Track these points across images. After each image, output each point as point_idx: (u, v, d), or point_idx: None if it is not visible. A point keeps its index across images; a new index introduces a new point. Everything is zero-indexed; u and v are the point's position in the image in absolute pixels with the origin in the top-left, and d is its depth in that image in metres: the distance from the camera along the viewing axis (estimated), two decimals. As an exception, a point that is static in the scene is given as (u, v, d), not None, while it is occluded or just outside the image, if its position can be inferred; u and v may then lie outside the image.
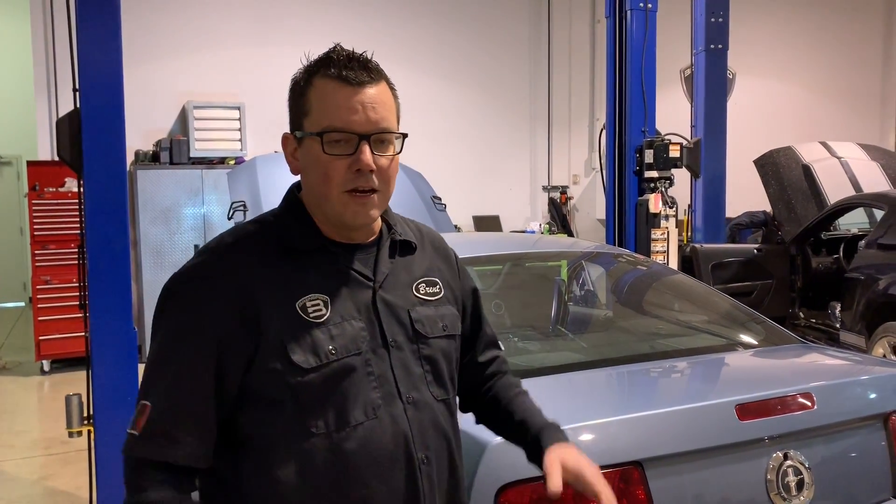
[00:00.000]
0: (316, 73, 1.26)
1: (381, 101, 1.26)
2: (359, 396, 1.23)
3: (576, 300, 3.27)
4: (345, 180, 1.23)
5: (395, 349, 1.28)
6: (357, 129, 1.22)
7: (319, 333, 1.22)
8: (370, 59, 1.28)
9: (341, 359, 1.22)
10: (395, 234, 1.36)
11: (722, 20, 6.72)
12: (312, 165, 1.26)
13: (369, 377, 1.25)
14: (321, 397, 1.21)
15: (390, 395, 1.26)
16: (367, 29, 9.34)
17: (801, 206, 6.54)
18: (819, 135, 9.19)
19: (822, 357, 2.54)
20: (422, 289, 1.36)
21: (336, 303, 1.25)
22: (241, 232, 1.30)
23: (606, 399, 2.18)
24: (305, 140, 1.26)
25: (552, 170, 10.74)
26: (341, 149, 1.23)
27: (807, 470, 1.85)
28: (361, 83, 1.23)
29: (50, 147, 7.78)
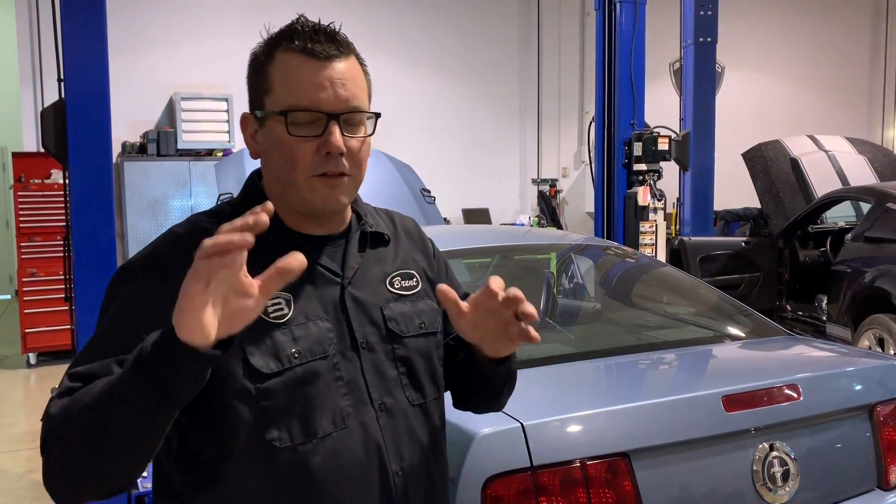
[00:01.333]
0: (278, 46, 1.13)
1: (350, 77, 1.13)
2: (326, 404, 1.11)
3: (564, 292, 3.28)
4: (313, 164, 1.12)
5: (366, 351, 1.17)
6: (325, 108, 1.11)
7: (281, 335, 1.10)
8: (338, 31, 1.16)
9: (305, 363, 1.10)
10: (365, 226, 1.25)
11: (711, 14, 6.73)
12: (276, 148, 1.13)
13: (337, 383, 1.13)
14: (284, 406, 1.08)
15: (361, 402, 1.14)
16: (356, 22, 9.28)
17: (788, 200, 6.58)
18: (807, 128, 9.24)
19: (809, 349, 2.56)
20: (396, 283, 1.25)
21: (300, 301, 1.13)
22: (195, 223, 1.16)
23: (594, 391, 2.18)
24: (267, 120, 1.14)
25: (542, 163, 10.75)
26: (308, 130, 1.11)
27: (792, 461, 1.86)
28: (329, 57, 1.12)
29: (35, 138, 7.71)
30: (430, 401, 1.23)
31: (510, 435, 1.65)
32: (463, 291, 1.34)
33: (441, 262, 1.37)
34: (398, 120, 9.70)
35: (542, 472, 1.63)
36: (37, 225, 7.08)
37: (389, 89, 9.65)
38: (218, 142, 8.02)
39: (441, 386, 1.28)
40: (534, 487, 1.62)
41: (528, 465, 1.62)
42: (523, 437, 1.64)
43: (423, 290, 1.28)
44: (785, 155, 6.89)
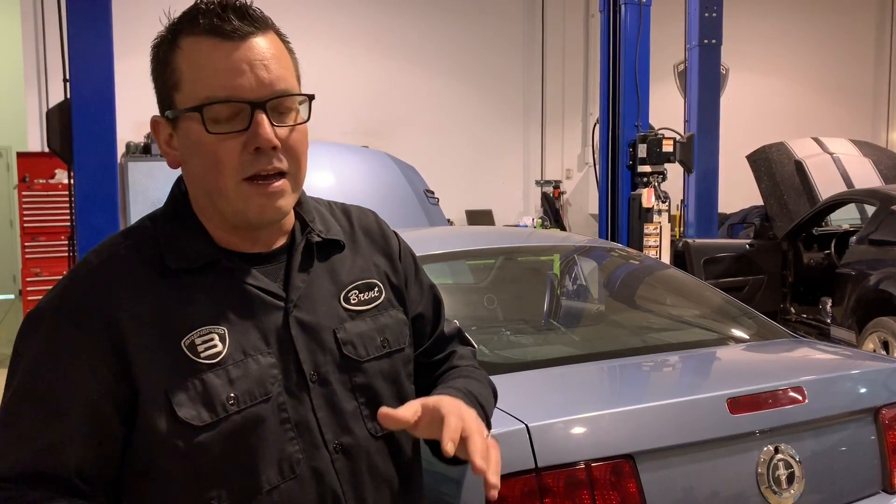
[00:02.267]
0: (181, 31, 0.97)
1: (272, 57, 0.96)
2: (271, 453, 0.96)
3: (568, 294, 3.27)
4: (241, 164, 0.94)
5: (317, 385, 1.01)
6: (247, 96, 0.94)
7: (214, 378, 0.94)
8: (250, 4, 0.99)
9: (244, 409, 0.95)
10: (311, 234, 1.06)
11: (716, 15, 6.73)
12: (195, 152, 0.96)
13: (284, 426, 0.98)
14: (221, 461, 0.94)
15: (313, 446, 0.99)
16: (361, 24, 9.31)
17: (793, 202, 6.56)
18: (811, 131, 9.21)
19: (813, 351, 2.55)
20: (353, 298, 1.07)
21: (235, 335, 0.97)
22: (110, 250, 1.00)
23: (598, 392, 2.18)
24: (181, 121, 0.97)
25: (545, 164, 10.75)
26: (230, 125, 0.94)
27: (797, 463, 1.85)
28: (243, 35, 0.94)
29: (40, 138, 7.73)
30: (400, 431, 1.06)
31: (515, 436, 1.65)
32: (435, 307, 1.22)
33: (408, 262, 1.19)
34: (402, 121, 9.71)
35: (547, 473, 1.63)
36: (41, 225, 7.11)
37: (394, 90, 9.66)
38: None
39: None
40: (538, 489, 1.62)
41: (532, 467, 1.62)
42: (528, 439, 1.64)
43: (387, 299, 1.11)
44: (789, 157, 6.88)
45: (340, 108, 9.05)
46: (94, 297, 0.95)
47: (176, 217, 1.02)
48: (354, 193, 4.35)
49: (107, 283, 0.96)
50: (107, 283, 0.96)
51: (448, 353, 1.23)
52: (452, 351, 1.24)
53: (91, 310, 0.94)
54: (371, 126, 9.25)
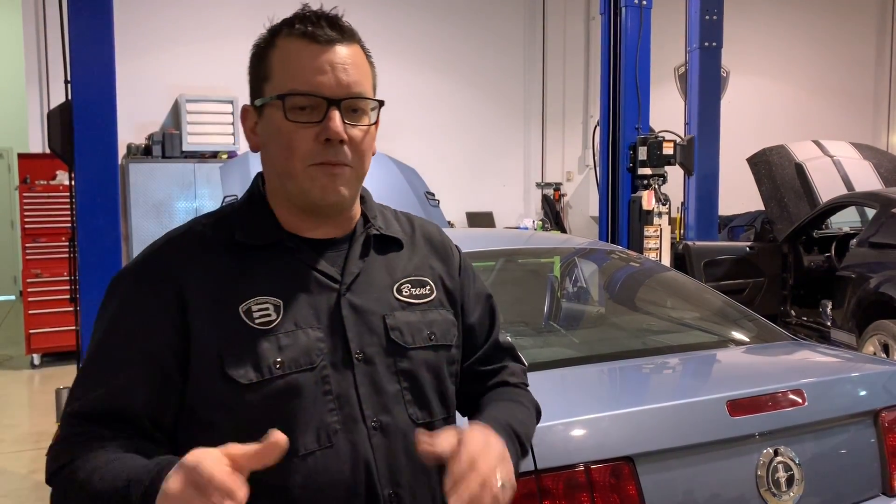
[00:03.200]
0: (279, 32, 1.09)
1: (353, 63, 1.07)
2: (310, 420, 1.03)
3: (568, 296, 3.27)
4: (311, 152, 1.05)
5: (361, 363, 1.08)
6: (325, 93, 1.05)
7: (265, 343, 1.03)
8: (341, 16, 1.11)
9: (288, 374, 1.03)
10: (370, 229, 1.16)
11: (716, 18, 6.73)
12: (274, 137, 1.07)
13: (325, 397, 1.05)
14: (263, 420, 0.98)
15: (351, 419, 1.05)
16: (360, 24, 9.27)
17: (793, 205, 6.57)
18: (812, 133, 9.22)
19: (813, 354, 2.55)
20: (406, 290, 1.15)
21: (290, 308, 1.06)
22: (189, 225, 1.13)
23: (598, 395, 2.18)
24: (266, 109, 1.08)
25: (546, 166, 10.75)
26: (307, 115, 1.05)
27: (797, 466, 1.85)
28: (331, 41, 1.07)
29: (41, 139, 7.73)
30: (437, 420, 1.14)
31: (514, 438, 1.65)
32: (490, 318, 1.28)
33: (467, 274, 1.27)
34: (403, 123, 9.71)
35: (546, 475, 1.63)
36: (42, 226, 7.10)
37: (394, 92, 9.66)
38: (223, 144, 8.03)
39: (452, 406, 1.19)
40: (538, 491, 1.62)
41: (532, 469, 1.62)
42: (527, 441, 1.64)
43: (438, 299, 1.18)
44: (790, 160, 6.88)
45: (341, 110, 8.99)
46: (167, 263, 1.08)
47: (251, 202, 1.15)
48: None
49: (180, 252, 1.09)
50: (180, 251, 1.09)
51: (501, 366, 1.29)
52: (505, 365, 1.30)
53: (163, 274, 1.07)
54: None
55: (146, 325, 1.04)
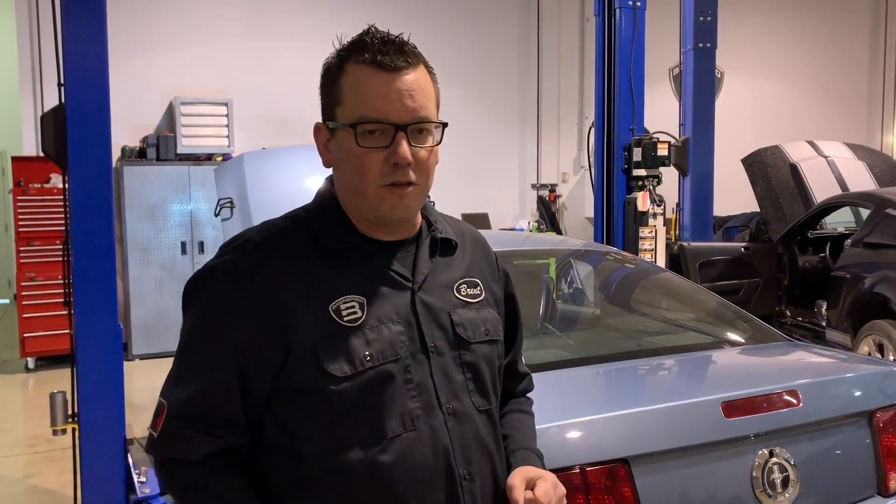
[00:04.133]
0: (348, 58, 1.17)
1: (419, 88, 1.17)
2: (396, 406, 1.14)
3: (564, 298, 3.27)
4: (381, 174, 1.15)
5: (435, 355, 1.19)
6: (393, 120, 1.14)
7: (354, 338, 1.13)
8: (407, 41, 1.19)
9: (378, 366, 1.14)
10: (435, 232, 1.28)
11: (710, 19, 6.74)
12: (346, 159, 1.17)
13: (407, 385, 1.16)
14: (356, 408, 1.12)
15: (430, 406, 1.17)
16: (355, 26, 9.29)
17: (788, 205, 6.58)
18: (806, 134, 9.25)
19: (808, 355, 2.56)
20: (463, 290, 1.27)
21: (373, 305, 1.16)
22: (270, 228, 1.22)
23: (593, 396, 2.18)
24: (338, 131, 1.18)
25: (541, 168, 10.76)
26: (376, 140, 1.14)
27: (792, 467, 1.85)
28: (398, 69, 1.15)
29: (35, 142, 7.71)
30: (493, 407, 1.27)
31: (509, 441, 1.64)
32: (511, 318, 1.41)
33: (504, 274, 1.40)
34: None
35: (542, 478, 1.63)
36: (36, 229, 7.08)
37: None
38: (217, 146, 8.02)
39: (499, 394, 1.32)
40: (533, 494, 1.62)
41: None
42: (523, 443, 1.64)
43: (486, 298, 1.30)
44: (784, 160, 6.90)
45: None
46: (257, 263, 1.15)
47: (326, 209, 1.23)
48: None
49: (270, 253, 1.17)
50: (270, 253, 1.17)
51: (524, 373, 1.46)
52: (526, 372, 1.47)
53: (254, 274, 1.14)
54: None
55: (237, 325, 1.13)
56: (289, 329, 1.12)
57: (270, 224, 1.23)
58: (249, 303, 1.13)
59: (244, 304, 1.13)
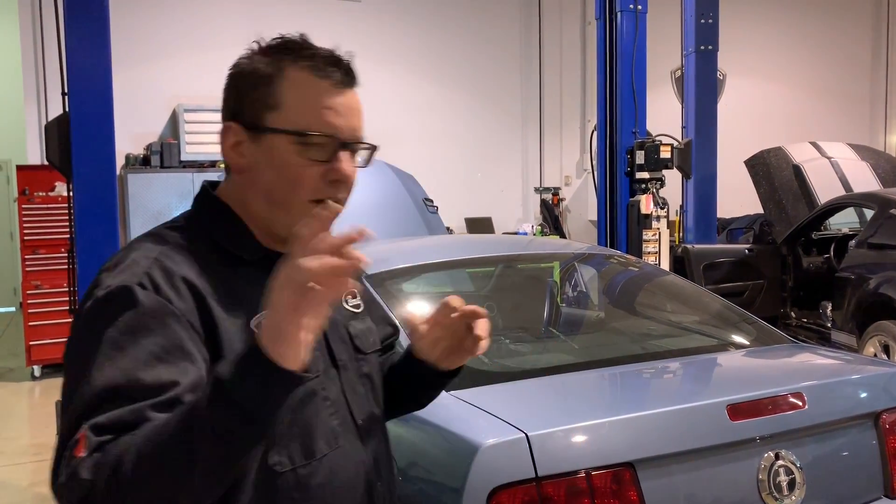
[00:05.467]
0: (289, 62, 1.10)
1: (359, 109, 1.14)
2: (320, 425, 1.10)
3: (568, 302, 3.28)
4: (316, 189, 1.08)
5: (343, 370, 1.16)
6: (340, 136, 1.09)
7: None
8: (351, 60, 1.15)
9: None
10: None
11: (712, 21, 6.75)
12: (274, 167, 1.08)
13: (325, 402, 1.12)
14: (285, 428, 1.06)
15: (346, 422, 1.14)
16: (358, 31, 9.34)
17: (791, 207, 6.57)
18: (809, 135, 9.24)
19: (814, 357, 2.55)
20: (349, 300, 1.24)
21: None
22: (168, 237, 1.09)
23: (598, 400, 2.18)
24: (268, 137, 1.08)
25: (544, 171, 10.76)
26: (317, 154, 1.08)
27: (798, 469, 1.85)
28: (347, 86, 1.12)
29: (39, 151, 7.74)
30: (384, 417, 1.27)
31: (515, 445, 1.65)
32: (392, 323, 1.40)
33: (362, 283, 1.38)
34: (401, 129, 9.72)
35: (547, 482, 1.63)
36: (41, 237, 7.10)
37: (391, 99, 9.68)
38: (221, 154, 8.04)
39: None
40: (539, 498, 1.62)
41: (532, 476, 1.62)
42: (528, 448, 1.64)
43: (365, 309, 1.28)
44: (787, 162, 6.89)
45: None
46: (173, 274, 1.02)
47: (224, 217, 1.14)
48: (353, 203, 4.35)
49: (180, 265, 1.04)
50: (180, 264, 1.04)
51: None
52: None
53: (174, 285, 1.01)
54: (369, 135, 9.27)
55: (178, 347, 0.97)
56: (219, 341, 1.01)
57: (163, 233, 1.10)
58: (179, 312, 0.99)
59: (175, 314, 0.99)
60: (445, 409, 1.89)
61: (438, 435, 1.82)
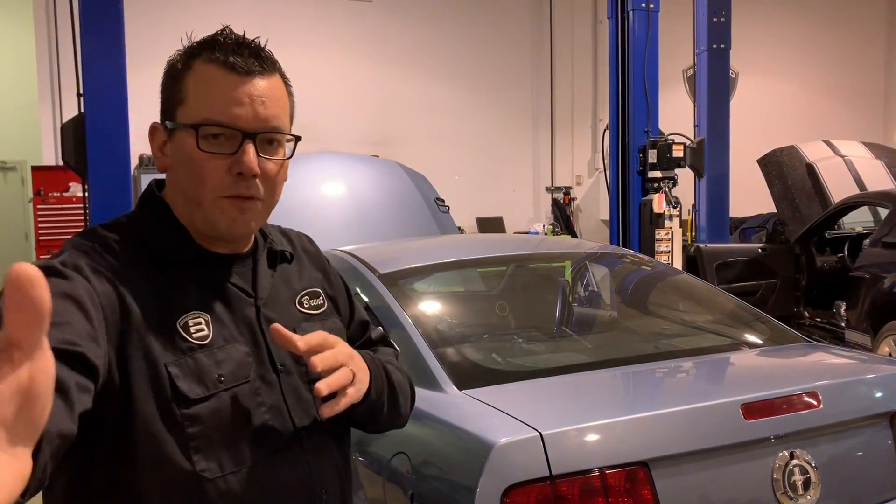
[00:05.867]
0: (197, 56, 1.07)
1: (272, 96, 1.07)
2: (252, 430, 1.05)
3: (580, 301, 3.27)
4: (222, 184, 1.04)
5: (284, 374, 1.11)
6: (241, 125, 1.03)
7: (204, 358, 1.02)
8: (263, 46, 1.10)
9: (230, 388, 1.04)
10: (272, 244, 1.19)
11: (724, 20, 6.72)
12: (183, 163, 1.06)
13: (260, 408, 1.07)
14: (211, 433, 1.01)
15: (285, 427, 1.09)
16: (370, 32, 9.36)
17: (805, 205, 6.54)
18: (823, 133, 9.19)
19: (828, 356, 2.54)
20: (305, 302, 1.19)
21: (218, 323, 1.06)
22: (101, 236, 1.05)
23: (612, 399, 2.18)
24: (177, 132, 1.06)
25: (555, 171, 10.75)
26: (220, 146, 1.04)
27: (813, 469, 1.84)
28: (251, 72, 1.05)
29: (54, 152, 7.81)
30: (340, 423, 1.18)
31: (529, 444, 1.65)
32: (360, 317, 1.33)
33: (338, 279, 1.31)
34: (412, 129, 9.73)
35: (561, 481, 1.63)
36: (55, 237, 7.17)
37: (403, 99, 9.70)
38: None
39: None
40: (553, 497, 1.62)
41: (546, 475, 1.62)
42: (542, 447, 1.64)
43: (329, 308, 1.23)
44: (801, 160, 6.86)
45: (350, 118, 9.08)
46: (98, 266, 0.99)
47: (159, 217, 1.11)
48: (365, 203, 4.37)
49: (106, 261, 1.01)
50: (106, 261, 1.01)
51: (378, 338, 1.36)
52: (376, 347, 1.34)
53: (97, 273, 0.98)
54: (380, 135, 9.30)
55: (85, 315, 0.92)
56: (133, 337, 0.98)
57: (96, 232, 1.07)
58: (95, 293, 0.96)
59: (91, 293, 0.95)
60: (459, 407, 1.90)
61: (452, 433, 1.82)
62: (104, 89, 3.38)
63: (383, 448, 1.93)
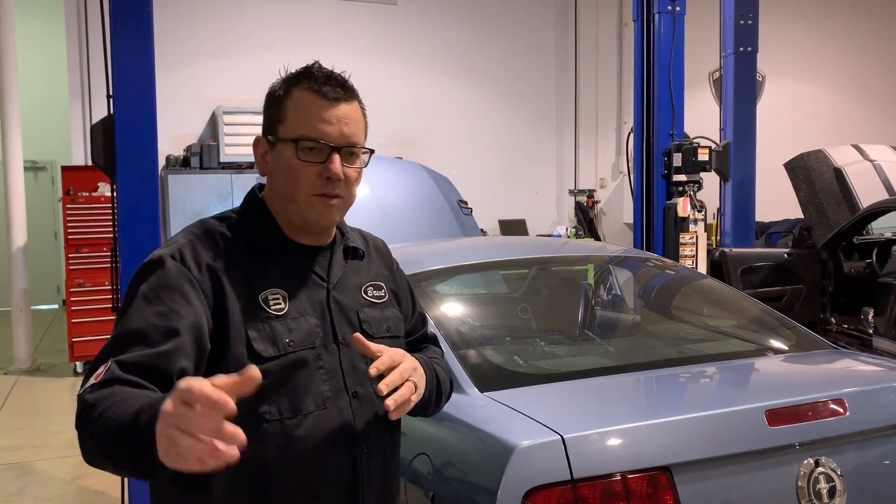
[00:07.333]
0: (296, 84, 1.36)
1: (353, 119, 1.37)
2: (310, 388, 1.32)
3: (603, 304, 3.26)
4: (313, 185, 1.34)
5: (344, 346, 1.37)
6: (330, 141, 1.33)
7: (279, 325, 1.31)
8: (347, 79, 1.39)
9: (297, 351, 1.31)
10: (347, 241, 1.48)
11: (752, 23, 6.65)
12: (284, 169, 1.36)
13: (320, 371, 1.34)
14: (277, 385, 1.28)
15: (338, 389, 1.35)
16: (394, 35, 9.40)
17: (832, 210, 6.44)
18: (851, 138, 9.05)
19: (855, 363, 2.51)
20: (370, 292, 1.47)
21: (294, 299, 1.34)
22: (209, 225, 1.38)
23: (635, 404, 2.17)
24: (278, 145, 1.36)
25: (579, 173, 10.71)
26: (313, 156, 1.33)
27: (839, 477, 1.82)
28: (337, 99, 1.35)
29: (84, 152, 7.93)
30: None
31: (550, 447, 1.65)
32: (419, 311, 1.63)
33: (403, 278, 1.61)
34: (435, 131, 9.75)
35: (583, 485, 1.63)
36: (84, 236, 7.27)
37: (427, 102, 9.72)
38: (258, 156, 8.15)
39: None
40: (574, 500, 1.62)
41: (568, 478, 1.62)
42: (563, 450, 1.64)
43: (390, 300, 1.51)
44: (828, 165, 6.76)
45: (375, 120, 9.02)
46: (199, 253, 1.31)
47: (256, 212, 1.42)
48: (390, 204, 4.39)
49: (208, 247, 1.33)
50: (208, 247, 1.33)
51: (424, 347, 1.63)
52: (427, 345, 1.65)
53: (198, 261, 1.30)
54: (405, 137, 9.32)
55: (187, 298, 1.25)
56: (225, 308, 1.28)
57: (207, 222, 1.39)
58: (195, 282, 1.27)
59: (192, 283, 1.27)
60: (481, 409, 1.90)
61: (474, 436, 1.83)
62: (133, 91, 3.42)
63: (405, 449, 1.94)
